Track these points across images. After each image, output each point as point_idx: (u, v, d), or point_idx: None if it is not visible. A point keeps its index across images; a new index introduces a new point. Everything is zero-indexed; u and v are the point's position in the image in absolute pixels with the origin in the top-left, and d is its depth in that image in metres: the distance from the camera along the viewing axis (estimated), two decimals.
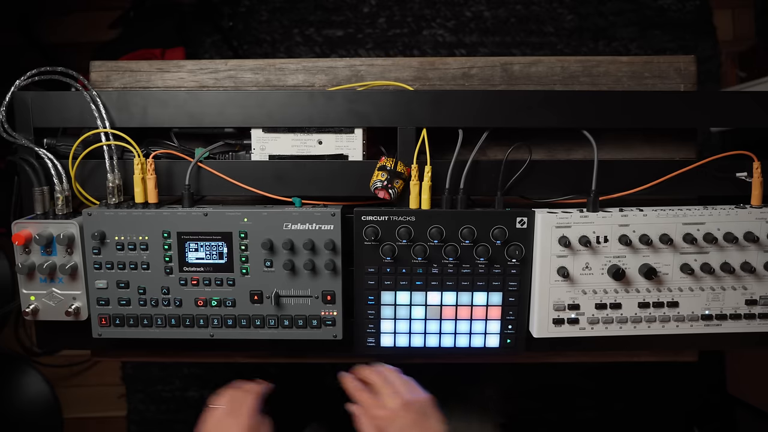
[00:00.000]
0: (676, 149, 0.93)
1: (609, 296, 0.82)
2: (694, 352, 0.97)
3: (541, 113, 0.83)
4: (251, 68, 0.93)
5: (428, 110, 0.83)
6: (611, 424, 1.95)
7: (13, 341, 1.74)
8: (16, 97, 0.82)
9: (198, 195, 0.85)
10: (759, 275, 0.82)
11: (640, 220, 0.80)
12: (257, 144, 0.85)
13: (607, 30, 2.02)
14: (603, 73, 0.92)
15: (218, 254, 0.81)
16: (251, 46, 2.06)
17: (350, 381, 0.82)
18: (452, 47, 2.05)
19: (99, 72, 0.94)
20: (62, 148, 0.85)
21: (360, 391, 0.79)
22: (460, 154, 0.82)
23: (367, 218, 0.82)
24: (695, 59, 0.92)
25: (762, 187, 0.83)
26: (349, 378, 0.82)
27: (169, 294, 0.83)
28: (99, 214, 0.81)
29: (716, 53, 2.00)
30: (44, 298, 0.83)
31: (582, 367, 1.91)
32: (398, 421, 0.74)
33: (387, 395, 0.77)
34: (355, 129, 0.84)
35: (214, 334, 0.84)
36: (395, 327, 0.86)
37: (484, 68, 0.92)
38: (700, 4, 2.01)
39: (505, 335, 0.86)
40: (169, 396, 1.96)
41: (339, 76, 0.93)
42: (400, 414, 0.74)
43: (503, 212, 0.81)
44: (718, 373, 1.90)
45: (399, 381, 0.79)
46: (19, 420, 1.45)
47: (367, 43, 2.05)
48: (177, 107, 0.83)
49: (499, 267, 0.83)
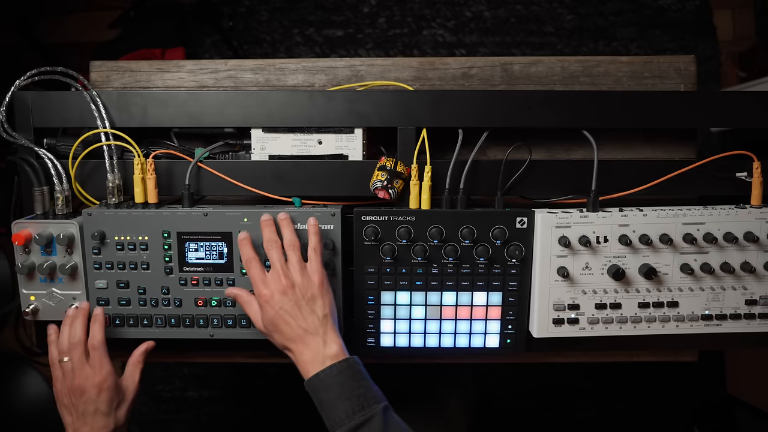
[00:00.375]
0: (676, 149, 0.93)
1: (609, 296, 0.82)
2: (694, 352, 0.97)
3: (541, 113, 0.83)
4: (251, 68, 0.93)
5: (428, 110, 0.83)
6: (611, 424, 1.95)
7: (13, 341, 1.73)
8: (16, 97, 0.82)
9: (198, 195, 0.85)
10: (759, 275, 0.82)
11: (640, 220, 0.80)
12: (257, 144, 0.85)
13: (607, 30, 2.02)
14: (603, 73, 0.92)
15: (218, 254, 0.81)
16: (251, 46, 2.06)
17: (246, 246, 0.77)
18: (452, 47, 2.05)
19: (99, 72, 0.94)
20: (62, 148, 0.85)
21: (252, 261, 0.76)
22: (460, 154, 0.82)
23: (367, 218, 0.82)
24: (695, 59, 0.92)
25: (762, 187, 0.82)
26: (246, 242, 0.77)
27: (169, 294, 0.83)
28: (99, 214, 0.80)
29: (716, 53, 2.00)
30: (44, 298, 0.83)
31: (582, 367, 1.91)
32: (277, 305, 0.72)
33: (274, 274, 0.74)
34: (355, 129, 0.84)
35: (214, 334, 0.84)
36: (395, 327, 0.86)
37: (484, 68, 0.92)
38: (700, 4, 2.01)
39: (505, 335, 0.86)
40: (169, 396, 1.97)
41: (339, 76, 0.93)
42: (279, 298, 0.72)
43: (503, 212, 0.81)
44: (718, 373, 1.90)
45: (296, 259, 0.75)
46: (19, 420, 1.45)
47: (367, 43, 2.06)
48: (177, 107, 0.83)
49: (499, 267, 0.83)
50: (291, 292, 0.73)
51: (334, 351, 0.71)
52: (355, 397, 0.68)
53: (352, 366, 0.71)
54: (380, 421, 0.66)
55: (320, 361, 0.70)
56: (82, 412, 0.75)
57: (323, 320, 0.73)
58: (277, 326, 0.73)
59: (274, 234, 0.77)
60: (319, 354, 0.71)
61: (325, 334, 0.72)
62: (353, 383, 0.69)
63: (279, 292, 0.73)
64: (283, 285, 0.73)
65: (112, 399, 0.76)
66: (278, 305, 0.72)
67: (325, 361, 0.70)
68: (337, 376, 0.69)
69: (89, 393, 0.75)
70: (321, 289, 0.74)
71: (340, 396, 0.68)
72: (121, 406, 0.78)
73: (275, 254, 0.75)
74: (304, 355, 0.71)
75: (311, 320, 0.72)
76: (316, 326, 0.72)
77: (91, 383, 0.75)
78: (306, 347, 0.72)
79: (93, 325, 0.79)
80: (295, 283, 0.73)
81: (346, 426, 0.66)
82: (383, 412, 0.68)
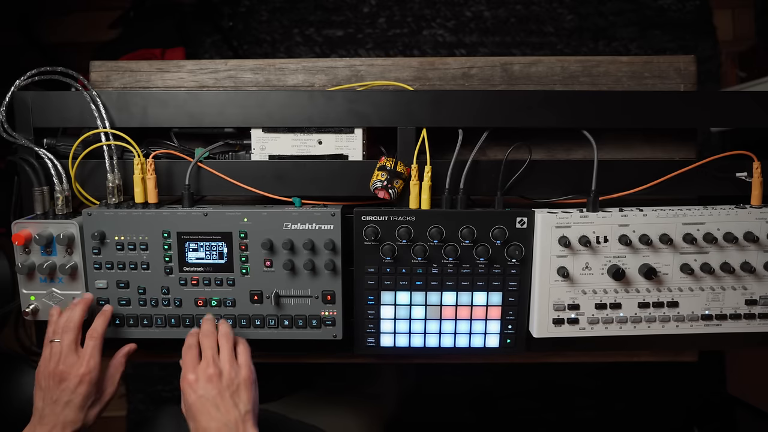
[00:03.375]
0: (676, 149, 0.93)
1: (609, 296, 0.82)
2: (694, 352, 0.97)
3: (541, 113, 0.83)
4: (251, 68, 0.93)
5: (428, 110, 0.83)
6: (611, 424, 1.95)
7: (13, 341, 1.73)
8: (16, 97, 0.82)
9: (198, 195, 0.85)
10: (759, 275, 0.82)
11: (640, 220, 0.80)
12: (257, 144, 0.85)
13: (607, 30, 2.02)
14: (603, 73, 0.92)
15: (218, 254, 0.81)
16: (251, 46, 2.06)
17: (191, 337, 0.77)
18: (452, 47, 2.05)
19: (99, 72, 0.94)
20: (62, 148, 0.85)
21: (189, 349, 0.75)
22: (460, 154, 0.82)
23: (367, 218, 0.81)
24: (695, 59, 0.92)
25: (762, 187, 0.82)
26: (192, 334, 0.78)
27: (169, 294, 0.83)
28: (99, 214, 0.80)
29: (716, 53, 2.00)
30: (44, 298, 0.83)
31: (582, 366, 1.91)
32: (200, 391, 0.70)
33: (205, 362, 0.73)
34: (355, 129, 0.84)
35: None
36: (395, 327, 0.86)
37: (484, 68, 0.92)
38: (700, 4, 2.01)
39: (505, 335, 0.86)
40: (169, 396, 1.96)
41: (339, 76, 0.93)
42: (204, 385, 0.70)
43: (503, 212, 0.81)
44: (718, 373, 1.90)
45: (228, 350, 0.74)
46: (19, 420, 1.45)
47: (367, 43, 2.05)
48: (177, 107, 0.83)
49: (499, 267, 0.83)
50: (216, 380, 0.71)
51: None
52: None
53: None
54: None
55: None
56: (55, 400, 0.72)
57: (244, 416, 0.70)
58: (195, 414, 0.70)
59: (212, 326, 0.78)
60: None
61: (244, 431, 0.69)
62: None
63: (204, 378, 0.71)
64: (210, 372, 0.71)
65: (89, 395, 0.73)
66: (201, 391, 0.70)
67: None
68: None
69: (69, 382, 0.72)
70: (247, 382, 0.73)
71: None
72: (95, 406, 0.75)
73: (208, 342, 0.75)
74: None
75: (232, 414, 0.69)
76: (237, 421, 0.69)
77: (74, 372, 0.73)
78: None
79: (99, 317, 0.79)
80: (222, 372, 0.72)
81: None
82: None
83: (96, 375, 0.74)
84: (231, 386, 0.72)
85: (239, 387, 0.72)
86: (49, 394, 0.73)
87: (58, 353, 0.74)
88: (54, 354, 0.75)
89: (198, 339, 0.77)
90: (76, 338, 0.76)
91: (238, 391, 0.72)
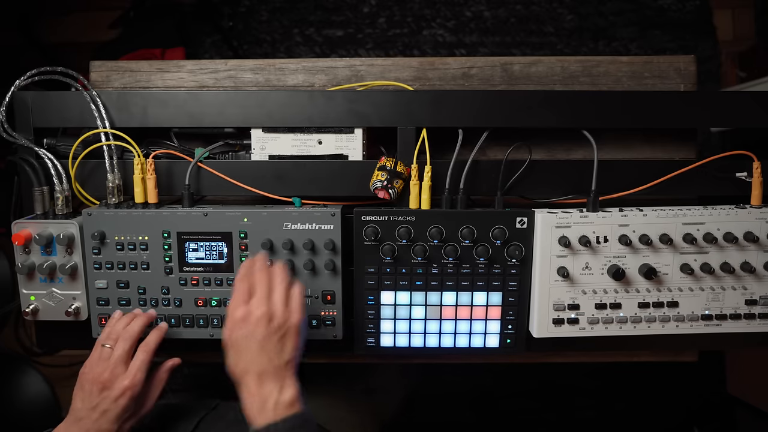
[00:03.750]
0: (676, 149, 0.93)
1: (609, 296, 0.82)
2: (694, 352, 0.97)
3: (541, 113, 0.83)
4: (251, 68, 0.93)
5: (428, 110, 0.83)
6: (611, 424, 1.95)
7: (13, 341, 1.73)
8: (16, 97, 0.82)
9: (198, 195, 0.85)
10: (759, 275, 0.82)
11: (640, 220, 0.80)
12: (257, 144, 0.85)
13: (607, 30, 2.02)
14: (603, 73, 0.92)
15: (218, 254, 0.81)
16: (251, 46, 2.06)
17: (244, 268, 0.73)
18: (452, 47, 2.05)
19: (99, 72, 0.94)
20: (62, 148, 0.85)
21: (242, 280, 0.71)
22: (460, 154, 0.82)
23: (367, 218, 0.81)
24: (695, 59, 0.92)
25: (762, 187, 0.83)
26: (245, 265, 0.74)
27: (169, 294, 0.83)
28: (99, 214, 0.80)
29: (716, 53, 2.00)
30: (44, 298, 0.83)
31: (582, 367, 1.91)
32: (248, 329, 0.67)
33: (257, 298, 0.69)
34: (355, 129, 0.84)
35: (214, 334, 0.84)
36: (395, 327, 0.86)
37: (484, 68, 0.92)
38: (700, 4, 2.01)
39: (505, 335, 0.86)
40: (170, 396, 1.96)
41: (339, 76, 0.93)
42: (253, 323, 0.67)
43: (503, 212, 0.81)
44: (718, 373, 1.90)
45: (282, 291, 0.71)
46: (19, 420, 1.45)
47: (367, 43, 2.05)
48: (177, 107, 0.83)
49: (499, 267, 0.83)
50: (266, 322, 0.67)
51: (289, 397, 0.65)
52: None
53: (306, 422, 0.65)
54: None
55: (272, 406, 0.65)
56: (94, 406, 0.71)
57: (286, 365, 0.68)
58: (238, 351, 0.68)
59: (265, 263, 0.74)
60: (272, 398, 0.65)
61: (283, 379, 0.66)
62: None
63: (255, 318, 0.67)
64: (262, 312, 0.68)
65: (128, 408, 0.72)
66: (249, 330, 0.67)
67: (278, 409, 0.64)
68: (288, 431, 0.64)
69: (111, 392, 0.71)
70: (296, 329, 0.70)
71: None
72: (131, 419, 0.74)
73: (262, 279, 0.71)
74: (254, 396, 0.66)
75: (276, 360, 0.67)
76: (278, 368, 0.67)
77: (119, 384, 0.71)
78: (259, 388, 0.66)
79: (154, 331, 0.79)
80: (274, 315, 0.68)
81: None
82: None
83: (138, 390, 0.73)
84: (279, 330, 0.68)
85: (287, 333, 0.68)
86: (89, 399, 0.72)
87: (106, 359, 0.73)
88: (102, 359, 0.74)
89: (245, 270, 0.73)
90: (129, 349, 0.75)
91: (286, 336, 0.68)
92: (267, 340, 0.67)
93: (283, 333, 0.68)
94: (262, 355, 0.67)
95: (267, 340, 0.67)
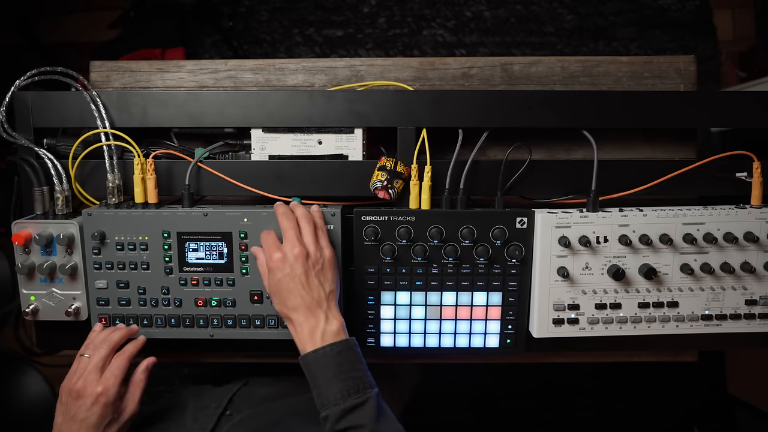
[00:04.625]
0: (676, 149, 0.93)
1: (609, 296, 0.82)
2: (694, 352, 0.97)
3: (541, 113, 0.83)
4: (251, 68, 0.93)
5: (428, 110, 0.83)
6: (611, 424, 1.95)
7: (13, 341, 1.73)
8: (16, 97, 0.82)
9: (198, 195, 0.85)
10: (759, 275, 0.82)
11: (640, 220, 0.80)
12: (257, 144, 0.85)
13: (607, 30, 2.02)
14: (603, 73, 0.92)
15: (218, 254, 0.81)
16: (251, 46, 2.06)
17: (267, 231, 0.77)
18: (452, 47, 2.05)
19: (99, 72, 0.94)
20: (62, 148, 0.85)
21: (269, 233, 0.75)
22: (460, 154, 0.82)
23: (367, 218, 0.81)
24: (695, 59, 0.92)
25: (762, 187, 0.82)
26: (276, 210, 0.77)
27: (169, 294, 0.83)
28: (99, 214, 0.80)
29: (716, 53, 2.00)
30: (44, 298, 0.83)
31: (582, 367, 1.91)
32: (288, 270, 0.71)
33: (288, 241, 0.73)
34: (355, 129, 0.84)
35: (214, 334, 0.84)
36: (395, 327, 0.86)
37: (484, 68, 0.92)
38: (700, 4, 2.01)
39: (505, 335, 0.86)
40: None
41: (339, 76, 0.93)
42: (292, 263, 0.71)
43: (503, 212, 0.81)
44: (718, 373, 1.90)
45: (309, 231, 0.75)
46: (19, 420, 1.45)
47: (367, 43, 2.06)
48: (177, 107, 0.83)
49: (499, 267, 0.83)
50: (303, 259, 0.72)
51: (335, 328, 0.70)
52: (350, 379, 0.67)
53: (351, 348, 0.70)
54: (373, 406, 0.66)
55: (320, 335, 0.70)
56: (72, 417, 0.71)
57: (329, 295, 0.72)
58: (282, 291, 0.72)
59: (288, 210, 0.77)
60: (319, 328, 0.70)
61: (328, 309, 0.71)
62: (350, 365, 0.69)
63: (293, 257, 0.71)
64: (297, 252, 0.72)
65: (104, 415, 0.71)
66: (289, 269, 0.71)
67: (325, 337, 0.69)
68: (336, 355, 0.69)
69: (85, 400, 0.71)
70: (330, 262, 0.74)
71: (337, 376, 0.67)
72: (112, 425, 0.73)
73: (289, 224, 0.74)
74: (303, 326, 0.71)
75: (318, 292, 0.72)
76: (321, 300, 0.71)
77: (91, 390, 0.71)
78: (306, 319, 0.71)
79: (132, 342, 0.79)
80: (309, 252, 0.73)
81: (339, 406, 0.66)
82: (377, 398, 0.68)
83: (113, 396, 0.72)
84: (316, 265, 0.73)
85: (324, 266, 0.73)
86: (67, 410, 0.72)
87: (83, 369, 0.73)
88: (79, 369, 0.74)
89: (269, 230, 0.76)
90: (106, 357, 0.75)
91: (323, 270, 0.73)
92: (307, 275, 0.72)
93: (320, 267, 0.73)
94: (305, 291, 0.71)
95: (307, 275, 0.72)
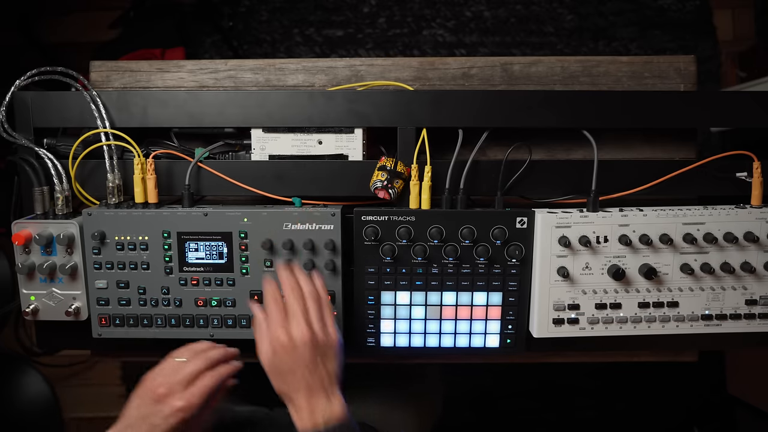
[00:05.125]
0: (676, 149, 0.93)
1: (609, 296, 0.82)
2: (694, 352, 0.97)
3: (541, 113, 0.83)
4: (251, 68, 0.93)
5: (428, 110, 0.83)
6: (611, 424, 1.95)
7: (13, 341, 1.73)
8: (16, 97, 0.82)
9: (198, 195, 0.85)
10: (759, 275, 0.82)
11: (640, 220, 0.80)
12: (257, 144, 0.85)
13: (607, 30, 2.02)
14: (603, 73, 0.92)
15: (218, 254, 0.81)
16: (251, 46, 2.06)
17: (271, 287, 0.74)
18: (452, 47, 2.05)
19: (99, 72, 0.94)
20: (62, 148, 0.85)
21: (275, 301, 0.72)
22: (460, 154, 0.82)
23: (367, 218, 0.82)
24: (695, 59, 0.92)
25: (762, 187, 0.83)
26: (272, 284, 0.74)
27: (169, 294, 0.83)
28: (99, 214, 0.80)
29: (716, 53, 2.00)
30: (44, 298, 0.83)
31: (582, 367, 1.91)
32: (294, 354, 0.69)
33: (296, 322, 0.70)
34: (355, 129, 0.84)
35: (214, 334, 0.84)
36: (395, 327, 0.86)
37: (484, 68, 0.92)
38: (700, 4, 2.01)
39: (505, 335, 0.86)
40: None
41: (339, 76, 0.93)
42: (299, 348, 0.69)
43: (503, 212, 0.81)
44: (718, 373, 1.90)
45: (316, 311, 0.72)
46: (19, 420, 1.45)
47: (367, 43, 2.05)
48: (177, 107, 0.83)
49: (499, 267, 0.83)
50: (311, 344, 0.69)
51: (336, 408, 0.69)
52: None
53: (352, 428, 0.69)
54: None
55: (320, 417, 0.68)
56: (145, 416, 0.68)
57: (331, 379, 0.70)
58: (284, 374, 0.69)
59: (295, 283, 0.74)
60: (320, 410, 0.68)
61: (331, 392, 0.70)
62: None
63: (301, 342, 0.69)
64: (306, 337, 0.69)
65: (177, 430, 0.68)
66: (297, 355, 0.69)
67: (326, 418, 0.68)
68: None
69: (163, 407, 0.68)
70: (335, 347, 0.72)
71: None
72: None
73: (297, 302, 0.71)
74: (304, 409, 0.68)
75: (322, 376, 0.70)
76: (324, 384, 0.69)
77: (172, 401, 0.68)
78: (308, 402, 0.69)
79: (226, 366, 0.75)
80: (317, 337, 0.70)
81: None
82: None
83: (190, 413, 0.69)
84: (323, 351, 0.70)
85: (330, 352, 0.71)
86: (143, 406, 0.70)
87: (171, 373, 0.71)
88: (166, 371, 0.71)
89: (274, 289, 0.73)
90: (198, 372, 0.72)
91: (329, 355, 0.71)
92: (313, 362, 0.69)
93: (326, 352, 0.71)
94: (309, 375, 0.69)
95: (313, 362, 0.69)
